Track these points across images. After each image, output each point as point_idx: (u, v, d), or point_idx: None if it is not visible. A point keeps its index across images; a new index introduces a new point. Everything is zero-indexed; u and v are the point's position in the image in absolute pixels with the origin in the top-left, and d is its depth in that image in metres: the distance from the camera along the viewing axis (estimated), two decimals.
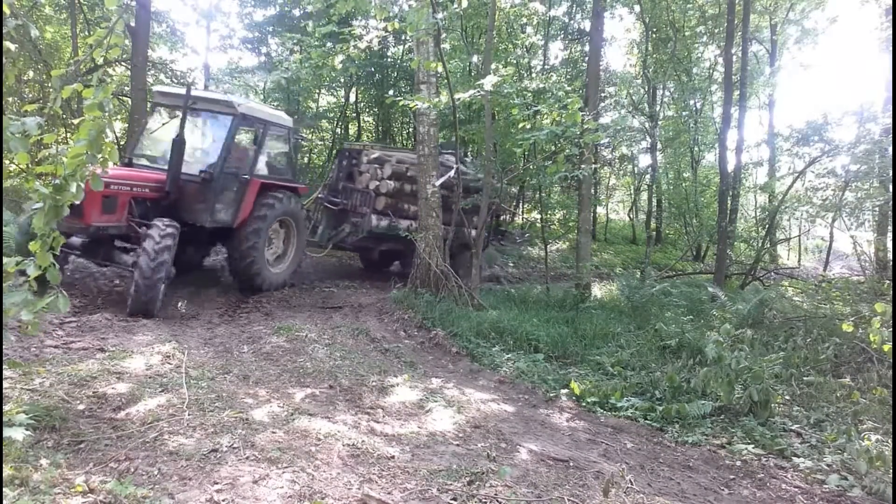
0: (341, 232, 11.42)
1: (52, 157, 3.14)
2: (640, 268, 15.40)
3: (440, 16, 9.18)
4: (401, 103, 9.50)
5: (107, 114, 3.24)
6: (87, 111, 3.18)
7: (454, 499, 3.32)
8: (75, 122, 3.27)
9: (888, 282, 10.35)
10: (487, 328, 8.51)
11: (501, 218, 16.68)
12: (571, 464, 4.23)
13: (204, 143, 9.07)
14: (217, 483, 3.12)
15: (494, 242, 13.93)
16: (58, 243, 3.27)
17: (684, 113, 21.40)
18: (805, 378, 6.44)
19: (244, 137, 9.59)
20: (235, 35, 20.37)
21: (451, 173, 11.00)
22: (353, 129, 21.81)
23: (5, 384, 4.10)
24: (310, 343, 6.85)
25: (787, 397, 6.21)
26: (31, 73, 15.07)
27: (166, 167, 8.00)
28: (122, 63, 14.28)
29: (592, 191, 16.43)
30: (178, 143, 7.72)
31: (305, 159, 20.47)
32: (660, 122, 21.50)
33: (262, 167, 9.22)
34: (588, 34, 16.58)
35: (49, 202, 3.13)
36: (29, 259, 3.12)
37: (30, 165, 3.58)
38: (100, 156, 3.24)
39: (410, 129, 21.37)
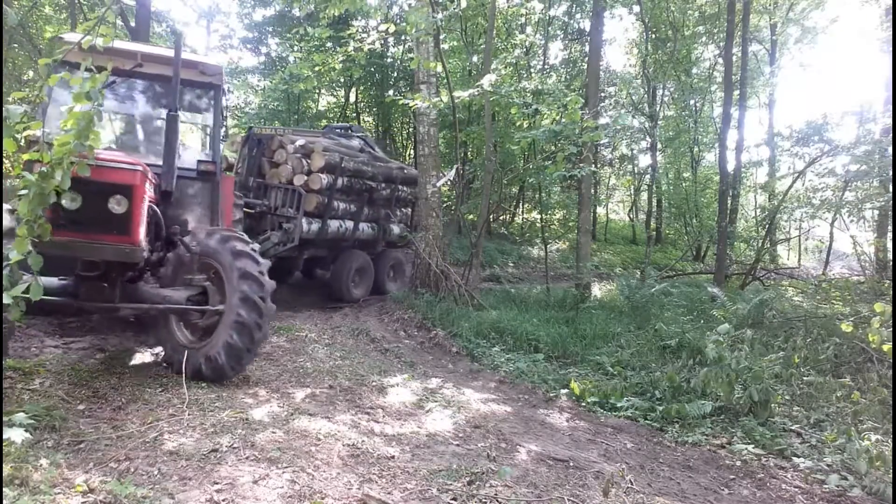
0: (266, 242, 8.60)
1: (38, 143, 3.13)
2: (640, 268, 15.40)
3: (440, 16, 9.18)
4: (401, 103, 9.51)
5: (96, 103, 3.23)
6: (75, 100, 3.17)
7: (454, 499, 3.31)
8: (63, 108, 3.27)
9: (888, 282, 10.35)
10: (487, 328, 8.52)
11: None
12: (571, 464, 4.23)
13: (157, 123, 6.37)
14: (217, 483, 3.12)
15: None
16: (45, 232, 3.27)
17: (684, 113, 21.39)
18: (805, 378, 6.44)
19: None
20: (235, 35, 20.41)
21: (452, 174, 10.97)
22: None
23: (5, 384, 4.10)
24: (310, 343, 6.86)
25: (787, 397, 6.20)
26: (30, 73, 15.07)
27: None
28: None
29: (592, 191, 16.44)
30: (173, 121, 5.23)
31: None
32: (660, 122, 21.49)
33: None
34: (588, 34, 16.57)
35: (34, 189, 3.13)
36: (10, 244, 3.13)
37: (16, 153, 3.58)
38: (87, 143, 3.23)
39: (410, 129, 21.38)
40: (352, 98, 21.73)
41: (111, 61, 5.13)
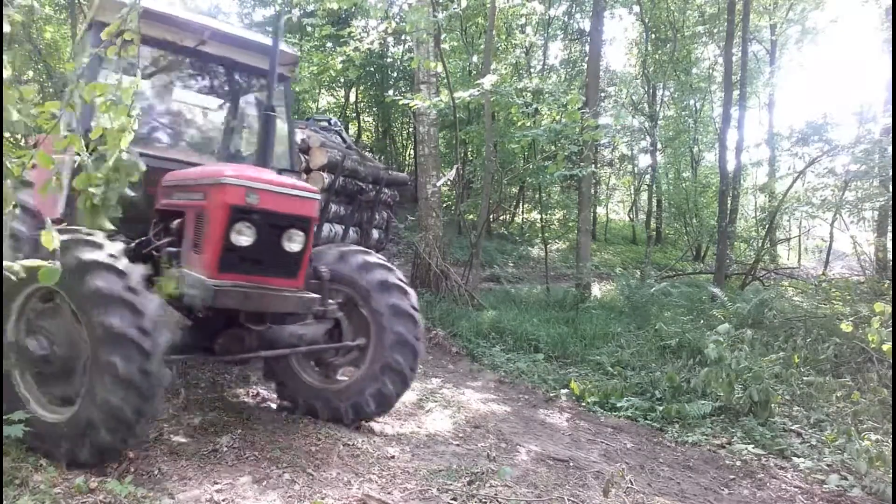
0: None
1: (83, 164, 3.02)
2: (640, 268, 15.39)
3: (441, 16, 9.18)
4: (401, 103, 9.49)
5: (132, 114, 3.16)
6: (102, 110, 3.13)
7: (454, 499, 3.31)
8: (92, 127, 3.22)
9: (888, 282, 10.34)
10: (487, 328, 8.52)
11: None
12: (571, 464, 4.23)
13: (221, 119, 5.44)
14: (217, 483, 3.12)
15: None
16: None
17: (684, 113, 21.38)
18: (805, 378, 6.44)
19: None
20: None
21: (452, 174, 10.95)
22: (353, 129, 21.81)
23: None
24: None
25: (787, 397, 6.20)
26: (30, 73, 15.06)
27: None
28: None
29: (592, 191, 16.45)
30: (271, 122, 4.22)
31: None
32: (660, 122, 21.48)
33: None
34: (588, 34, 16.57)
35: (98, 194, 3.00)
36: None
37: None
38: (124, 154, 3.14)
39: (410, 129, 21.37)
40: (352, 98, 21.72)
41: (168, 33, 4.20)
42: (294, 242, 3.65)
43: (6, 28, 2.58)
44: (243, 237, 3.44)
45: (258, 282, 3.55)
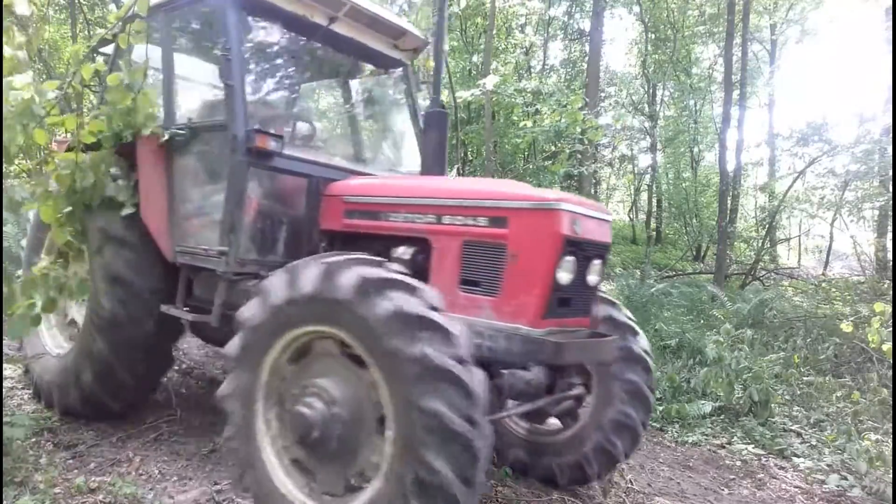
0: None
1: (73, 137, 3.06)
2: (640, 268, 15.39)
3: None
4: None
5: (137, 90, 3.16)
6: (112, 97, 3.14)
7: None
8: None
9: (888, 282, 10.35)
10: None
11: None
12: None
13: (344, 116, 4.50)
14: (217, 483, 3.12)
15: None
16: (77, 253, 3.15)
17: (684, 113, 21.39)
18: (805, 378, 6.45)
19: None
20: None
21: (452, 174, 10.94)
22: None
23: (6, 384, 4.10)
24: None
25: (787, 397, 6.21)
26: (30, 73, 15.03)
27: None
28: None
29: (592, 191, 16.45)
30: (443, 120, 3.70)
31: None
32: (660, 122, 21.48)
33: None
34: (588, 34, 16.58)
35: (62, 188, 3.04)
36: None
37: (48, 146, 3.34)
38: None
39: None
40: None
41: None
42: (595, 274, 3.01)
43: (28, 9, 2.59)
44: (566, 273, 2.74)
45: (567, 325, 2.92)
